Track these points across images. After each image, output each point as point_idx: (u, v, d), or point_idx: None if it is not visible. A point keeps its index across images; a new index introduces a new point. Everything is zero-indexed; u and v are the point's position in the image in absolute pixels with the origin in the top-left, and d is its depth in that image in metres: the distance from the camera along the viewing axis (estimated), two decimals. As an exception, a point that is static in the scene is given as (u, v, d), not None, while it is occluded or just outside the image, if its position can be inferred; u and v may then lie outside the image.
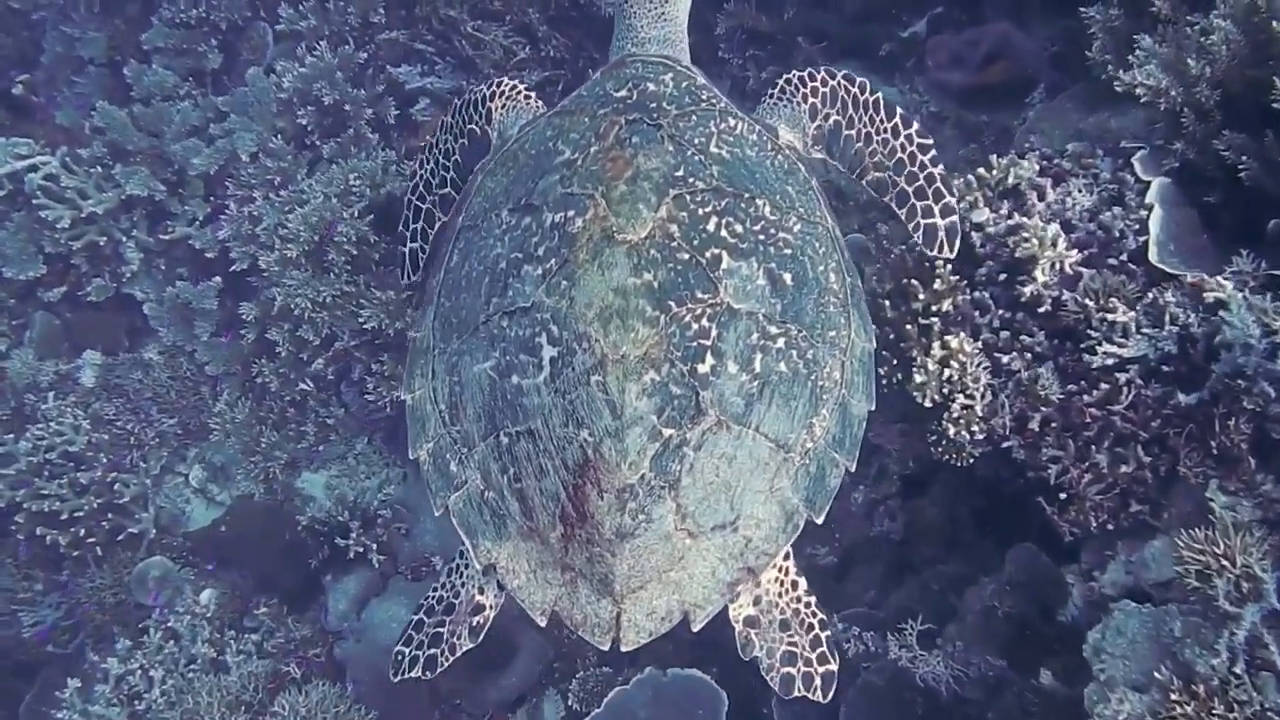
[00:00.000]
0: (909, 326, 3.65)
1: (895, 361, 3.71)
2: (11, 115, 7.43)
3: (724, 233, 3.12)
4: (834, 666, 3.33)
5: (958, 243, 3.57)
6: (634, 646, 3.10)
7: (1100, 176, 3.76)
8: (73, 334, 6.94)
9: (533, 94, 3.95)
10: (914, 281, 3.69)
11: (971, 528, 4.34)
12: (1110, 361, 3.34)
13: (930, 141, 3.66)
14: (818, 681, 3.30)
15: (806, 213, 3.33)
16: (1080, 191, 3.71)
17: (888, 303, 3.76)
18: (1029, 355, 3.54)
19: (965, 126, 5.48)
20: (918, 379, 3.57)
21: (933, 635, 3.96)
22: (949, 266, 3.66)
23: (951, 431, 3.53)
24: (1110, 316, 3.34)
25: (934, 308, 3.63)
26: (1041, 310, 3.54)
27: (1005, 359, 3.54)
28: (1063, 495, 3.43)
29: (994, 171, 3.75)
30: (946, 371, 3.52)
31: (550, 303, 3.06)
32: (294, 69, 6.72)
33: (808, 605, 3.37)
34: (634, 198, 3.10)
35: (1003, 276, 3.66)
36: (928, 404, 3.58)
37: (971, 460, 3.63)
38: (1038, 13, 5.55)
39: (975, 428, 3.52)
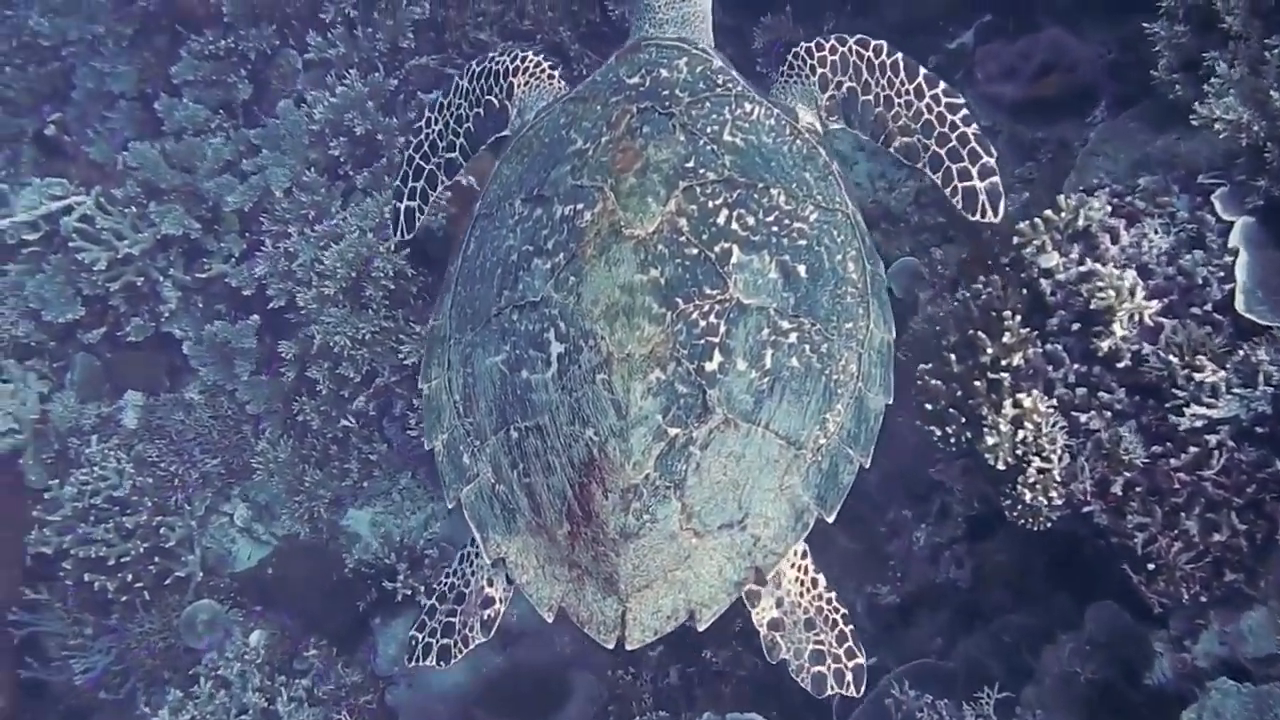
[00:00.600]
0: (977, 383, 3.46)
1: (964, 420, 3.52)
2: (45, 154, 7.38)
3: (735, 225, 3.03)
4: (863, 660, 3.26)
5: (1002, 205, 3.33)
6: (639, 645, 3.05)
7: (1177, 216, 3.53)
8: (113, 374, 6.89)
9: (556, 71, 3.83)
10: (981, 334, 3.50)
11: (1044, 577, 4.15)
12: (1199, 424, 3.14)
13: (961, 100, 3.43)
14: (849, 677, 3.24)
15: (825, 200, 3.21)
16: (1156, 233, 3.49)
17: (953, 356, 3.57)
18: (1108, 413, 3.34)
19: (1020, 143, 5.26)
20: (989, 440, 3.38)
21: (1010, 703, 3.78)
22: (1018, 318, 3.47)
23: (1028, 497, 3.35)
24: (1198, 376, 3.14)
25: (1003, 362, 3.44)
26: (1120, 365, 3.34)
27: (1083, 418, 3.34)
28: (1150, 565, 3.24)
29: (1063, 213, 3.54)
30: (1020, 433, 3.33)
31: (558, 298, 3.00)
32: (325, 99, 6.61)
33: (830, 602, 3.29)
34: (643, 191, 3.02)
35: (1076, 326, 3.45)
36: (1000, 466, 3.39)
37: (1049, 525, 3.45)
38: (1092, 17, 5.33)
39: (1053, 493, 3.33)
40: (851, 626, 3.30)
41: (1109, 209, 3.55)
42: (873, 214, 5.54)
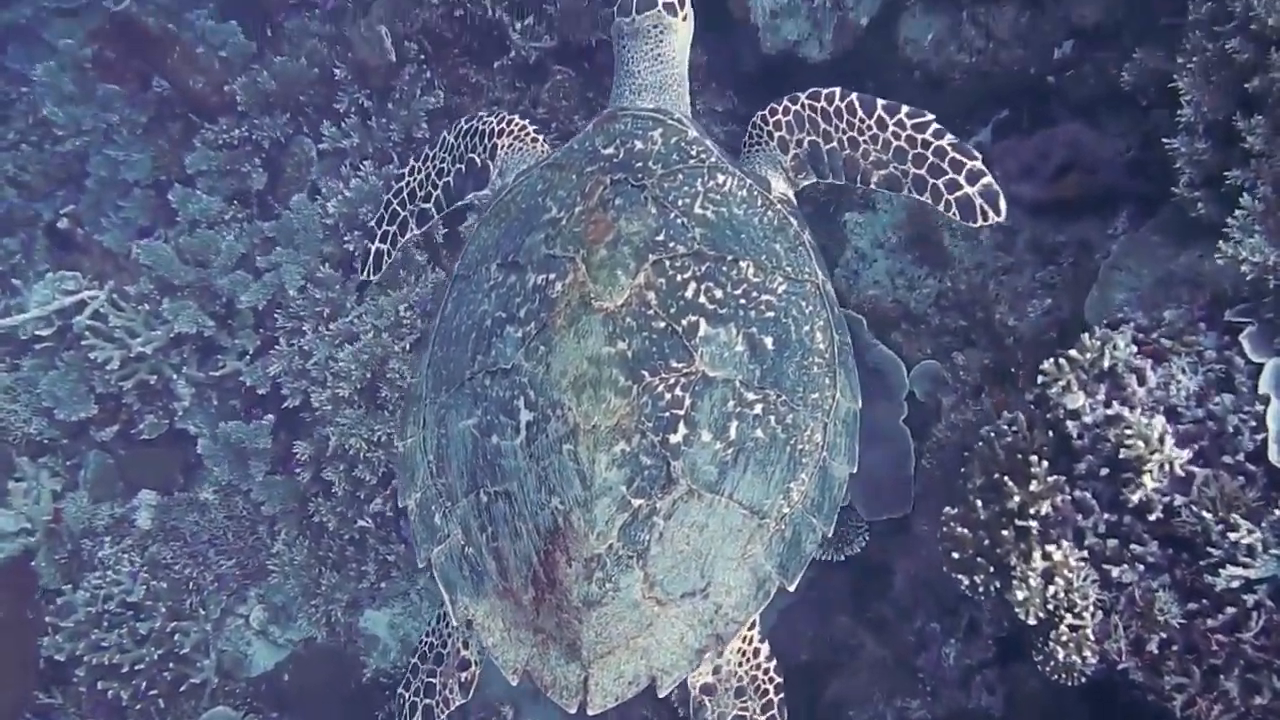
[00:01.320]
0: (1005, 531, 3.37)
1: (991, 569, 3.42)
2: (58, 245, 7.37)
3: (703, 299, 3.09)
4: None
5: (1002, 204, 3.33)
6: (600, 710, 3.10)
7: (1205, 354, 3.44)
8: (127, 472, 6.84)
9: (540, 136, 3.92)
10: (1007, 480, 3.40)
11: (1079, 707, 4.04)
12: (1236, 584, 3.04)
13: (929, 118, 3.38)
14: None
15: (794, 271, 3.26)
16: (1184, 373, 3.40)
17: (979, 502, 3.48)
18: (1141, 566, 3.24)
19: (1040, 246, 5.17)
20: (1019, 595, 3.28)
21: None
22: (1045, 464, 3.38)
23: (1060, 655, 3.25)
24: (1233, 535, 3.04)
25: (1031, 510, 3.35)
26: (1152, 517, 3.24)
27: (1115, 571, 3.25)
28: (1190, 730, 3.13)
29: (1087, 353, 3.46)
30: (1051, 588, 3.24)
31: (528, 367, 3.07)
32: (340, 191, 6.60)
33: (766, 672, 3.34)
34: (613, 264, 3.09)
35: (1104, 472, 3.36)
36: (1031, 621, 3.30)
37: (1083, 680, 3.34)
38: (1110, 109, 5.25)
39: (1087, 651, 3.23)
40: (781, 696, 3.34)
41: (1134, 349, 3.45)
42: (892, 314, 5.46)
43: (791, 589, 3.17)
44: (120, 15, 6.87)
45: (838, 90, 3.48)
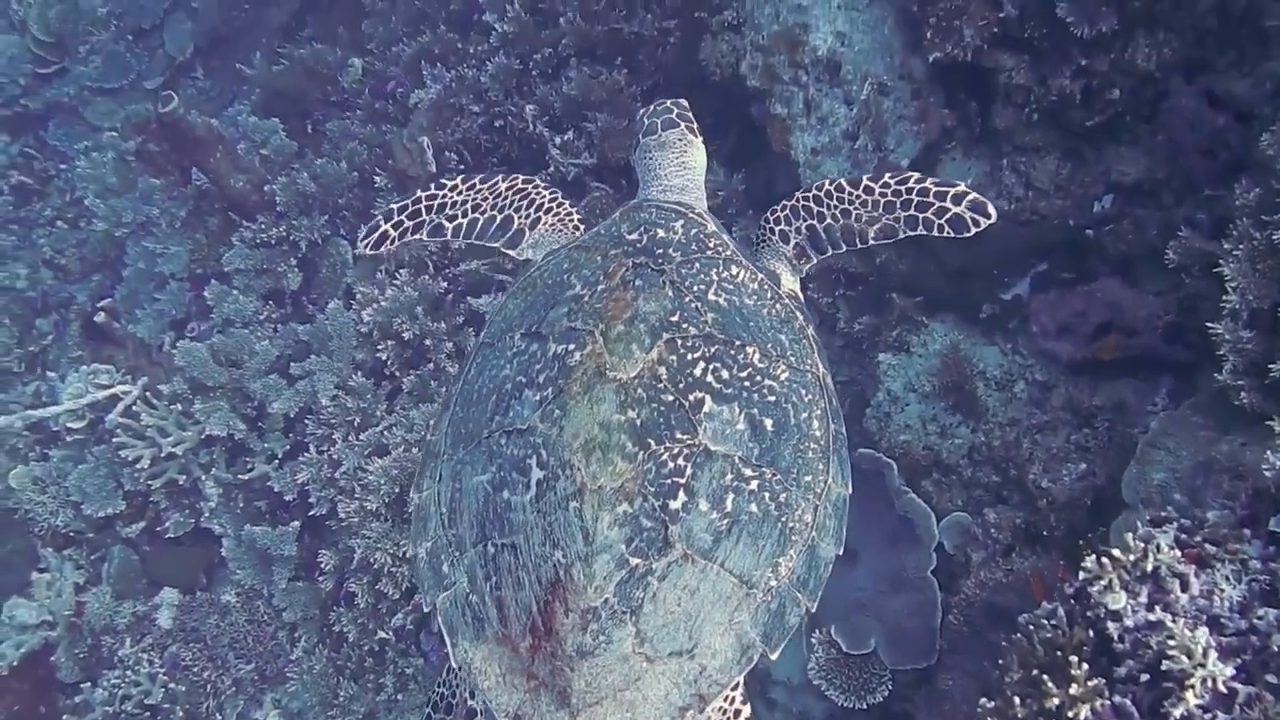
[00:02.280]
0: (1043, 733, 3.37)
1: (1029, 770, 3.42)
2: (93, 336, 7.44)
3: (710, 378, 3.25)
4: None
5: (990, 209, 3.49)
6: None
7: (1249, 564, 3.45)
8: (151, 569, 6.86)
9: (582, 225, 4.09)
10: (1046, 679, 3.41)
11: None
12: (1279, 814, 3.03)
13: (912, 174, 3.61)
14: None
15: (797, 361, 3.43)
16: (1227, 581, 3.42)
17: (1017, 700, 3.48)
18: (1181, 782, 3.24)
19: (1077, 408, 5.19)
20: (1058, 803, 3.28)
21: None
22: (1085, 667, 3.38)
23: None
24: (1277, 765, 3.05)
25: (1070, 713, 3.34)
26: (1194, 733, 3.24)
27: (1155, 786, 3.24)
28: None
29: (1130, 554, 3.47)
30: (1090, 799, 3.23)
31: (543, 428, 3.21)
32: (375, 300, 6.65)
33: None
34: (629, 338, 3.27)
35: (1145, 677, 3.36)
36: (1070, 831, 3.29)
37: None
38: (1147, 267, 5.30)
39: None
40: None
41: (1178, 552, 3.47)
42: (923, 461, 5.48)
43: (774, 657, 3.27)
44: (168, 115, 6.96)
45: (828, 179, 3.76)
